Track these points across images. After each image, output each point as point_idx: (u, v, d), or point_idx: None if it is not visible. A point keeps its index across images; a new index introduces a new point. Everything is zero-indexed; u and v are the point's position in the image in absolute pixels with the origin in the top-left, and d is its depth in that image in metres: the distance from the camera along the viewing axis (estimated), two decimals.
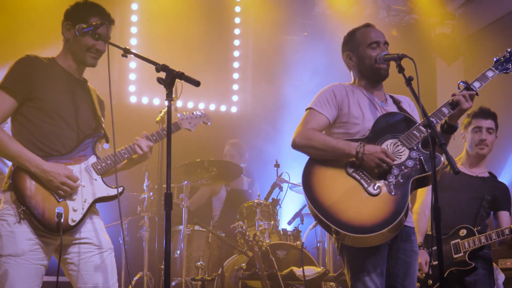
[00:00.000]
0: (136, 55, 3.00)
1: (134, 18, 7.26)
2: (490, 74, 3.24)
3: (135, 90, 7.29)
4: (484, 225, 4.23)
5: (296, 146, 3.16)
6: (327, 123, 3.19)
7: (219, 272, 5.06)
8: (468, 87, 3.17)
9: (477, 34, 7.85)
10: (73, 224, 2.95)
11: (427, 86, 7.61)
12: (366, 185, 3.00)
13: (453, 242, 4.07)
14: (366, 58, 3.25)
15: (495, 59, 3.31)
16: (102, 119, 3.29)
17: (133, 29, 7.22)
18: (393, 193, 2.99)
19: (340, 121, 3.21)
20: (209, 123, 3.77)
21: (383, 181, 3.02)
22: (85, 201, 3.01)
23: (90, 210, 3.08)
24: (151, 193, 5.71)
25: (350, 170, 3.04)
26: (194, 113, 3.63)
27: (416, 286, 3.19)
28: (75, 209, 2.97)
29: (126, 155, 3.16)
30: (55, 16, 3.37)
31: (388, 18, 8.18)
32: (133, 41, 7.20)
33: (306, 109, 3.25)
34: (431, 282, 4.04)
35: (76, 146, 3.07)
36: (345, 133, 3.18)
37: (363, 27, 3.36)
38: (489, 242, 4.02)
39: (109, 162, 3.12)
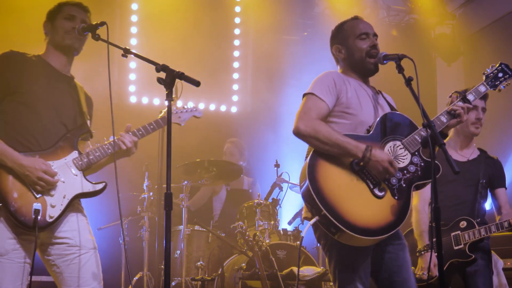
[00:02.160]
0: (136, 55, 3.00)
1: (134, 18, 7.26)
2: (482, 89, 3.36)
3: (135, 90, 7.29)
4: (483, 213, 4.22)
5: (299, 134, 3.03)
6: (327, 111, 3.10)
7: (219, 272, 5.06)
8: (464, 99, 3.23)
9: (477, 34, 7.85)
10: (50, 220, 2.90)
11: (427, 86, 7.62)
12: (372, 186, 2.98)
13: (454, 233, 4.08)
14: (356, 50, 3.23)
15: (484, 74, 3.40)
16: (88, 115, 3.26)
17: (133, 29, 7.22)
18: (396, 197, 2.99)
19: (337, 110, 3.13)
20: (200, 116, 3.69)
21: (387, 183, 3.01)
22: (64, 197, 2.96)
23: (73, 207, 3.05)
24: (151, 193, 5.71)
25: (357, 168, 2.99)
26: (185, 107, 3.59)
27: (413, 276, 3.19)
28: (53, 205, 2.92)
29: (109, 151, 3.12)
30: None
31: (388, 18, 8.18)
32: (133, 41, 7.20)
33: (306, 94, 3.16)
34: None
35: (58, 141, 3.04)
36: (342, 123, 3.11)
37: (351, 20, 3.33)
38: (488, 234, 4.02)
39: (91, 157, 3.08)
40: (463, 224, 4.08)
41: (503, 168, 4.39)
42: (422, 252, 4.07)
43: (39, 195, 2.91)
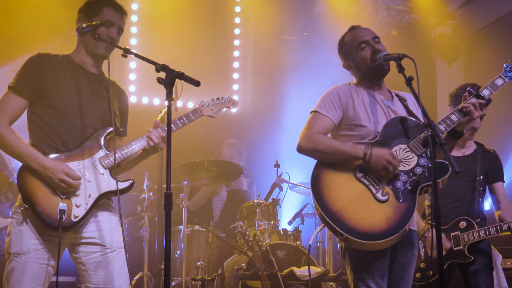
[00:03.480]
0: (136, 55, 2.99)
1: (134, 18, 7.26)
2: (500, 82, 3.27)
3: (135, 90, 7.29)
4: (482, 212, 4.19)
5: (302, 150, 3.13)
6: (332, 125, 3.17)
7: (219, 272, 5.06)
8: (477, 95, 3.17)
9: (477, 34, 7.85)
10: (75, 220, 2.91)
11: (427, 86, 7.62)
12: (374, 191, 3.00)
13: (453, 234, 4.06)
14: (361, 61, 3.25)
15: (505, 66, 3.32)
16: (118, 112, 3.23)
17: (133, 29, 7.22)
18: (401, 200, 2.99)
19: (346, 123, 3.18)
20: (233, 109, 3.66)
21: (391, 187, 3.02)
22: (89, 196, 2.97)
23: (102, 207, 3.05)
24: (151, 193, 5.71)
25: (359, 175, 3.03)
26: (219, 98, 3.51)
27: (410, 286, 3.20)
28: (78, 205, 2.94)
29: (126, 153, 3.10)
30: (56, 15, 3.38)
31: (388, 18, 8.18)
32: (133, 41, 7.20)
33: (311, 112, 3.22)
34: (431, 272, 4.05)
35: (85, 141, 3.04)
36: (352, 135, 3.16)
37: (349, 32, 3.36)
38: (487, 236, 4.00)
39: (118, 155, 3.06)
40: (463, 224, 4.07)
41: (500, 161, 4.35)
42: (425, 235, 4.04)
43: (65, 196, 2.92)
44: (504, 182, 4.30)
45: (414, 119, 3.21)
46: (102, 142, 3.07)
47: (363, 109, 3.18)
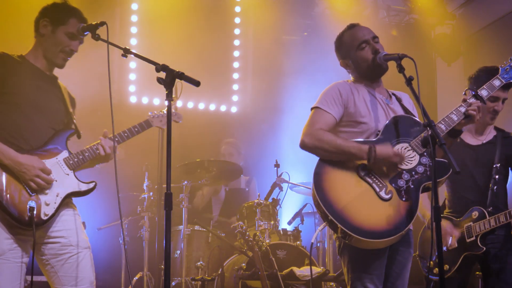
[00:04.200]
0: (136, 55, 3.00)
1: (134, 18, 7.25)
2: (497, 83, 3.28)
3: (135, 90, 7.28)
4: (498, 201, 3.99)
5: (305, 146, 3.11)
6: (334, 122, 3.16)
7: (219, 272, 5.06)
8: (476, 96, 3.18)
9: (477, 34, 7.84)
10: (45, 218, 2.94)
11: (427, 86, 7.61)
12: (378, 189, 3.00)
13: (467, 225, 3.96)
14: (361, 61, 3.24)
15: (500, 68, 3.32)
16: (73, 115, 3.29)
17: (133, 29, 7.21)
18: (404, 199, 3.00)
19: (346, 120, 3.18)
20: (179, 121, 3.84)
21: (394, 185, 3.02)
22: (57, 195, 3.01)
23: (66, 205, 3.08)
24: (151, 193, 5.71)
25: (362, 173, 3.02)
26: (164, 111, 3.66)
27: (406, 286, 3.20)
28: (47, 203, 2.96)
29: (97, 151, 3.17)
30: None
31: (388, 18, 8.17)
32: (133, 41, 7.19)
33: (312, 108, 3.21)
34: (447, 267, 3.94)
35: (49, 141, 3.08)
36: (352, 131, 3.16)
37: (348, 30, 3.34)
38: (498, 224, 3.83)
39: (81, 157, 3.13)
40: (475, 214, 3.95)
41: None
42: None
43: (34, 193, 2.93)
44: None
45: (415, 118, 3.22)
46: (64, 142, 3.12)
47: (363, 106, 3.18)
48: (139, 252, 5.67)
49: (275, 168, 6.24)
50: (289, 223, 6.27)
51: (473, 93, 3.20)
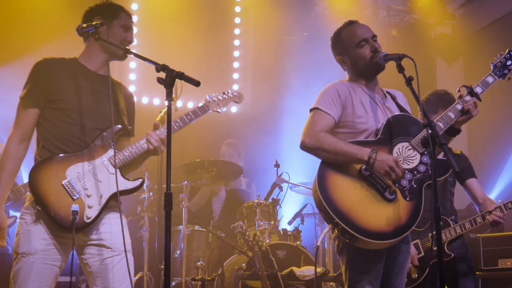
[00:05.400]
0: (136, 55, 3.00)
1: (134, 18, 7.24)
2: (490, 79, 3.30)
3: (135, 90, 7.28)
4: (455, 210, 4.30)
5: (305, 148, 3.10)
6: (333, 123, 3.15)
7: (219, 272, 5.06)
8: (471, 93, 3.20)
9: (477, 34, 7.85)
10: (88, 221, 2.92)
11: (427, 86, 7.54)
12: (382, 190, 3.00)
13: (431, 234, 4.06)
14: (359, 58, 3.22)
15: (492, 65, 3.35)
16: (125, 112, 3.22)
17: (133, 29, 7.21)
18: (408, 199, 3.01)
19: (344, 120, 3.17)
20: (239, 101, 3.63)
21: (397, 185, 3.02)
22: (101, 197, 2.97)
23: (111, 208, 3.05)
24: (151, 193, 5.71)
25: (366, 174, 3.02)
26: (225, 92, 3.50)
27: (404, 285, 3.21)
28: (90, 205, 2.93)
29: (145, 146, 3.08)
30: (56, 16, 3.38)
31: (388, 18, 8.18)
32: (133, 41, 7.18)
33: (311, 110, 3.20)
34: (416, 275, 4.10)
35: (94, 141, 3.04)
36: (350, 132, 3.15)
37: (346, 26, 3.31)
38: (464, 231, 4.10)
39: (127, 154, 3.05)
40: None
41: (468, 160, 4.44)
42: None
43: (77, 197, 2.92)
44: (476, 178, 4.36)
45: (413, 117, 3.22)
46: (110, 142, 3.06)
47: (361, 106, 3.18)
48: (139, 252, 5.66)
49: (275, 168, 6.24)
50: (289, 223, 6.28)
51: (468, 90, 3.21)
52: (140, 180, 3.10)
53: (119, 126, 3.12)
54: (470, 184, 4.32)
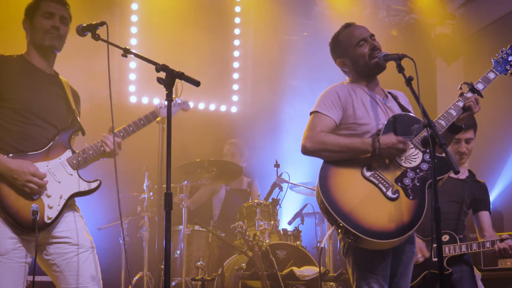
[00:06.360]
0: (136, 55, 3.00)
1: (134, 18, 7.26)
2: (492, 76, 3.28)
3: (135, 90, 7.28)
4: (464, 230, 4.28)
5: (307, 151, 3.09)
6: (334, 125, 3.15)
7: (219, 272, 5.06)
8: (473, 89, 3.19)
9: (477, 34, 7.85)
10: (49, 221, 2.94)
11: (427, 86, 7.62)
12: (384, 190, 2.99)
13: (435, 245, 4.04)
14: (359, 57, 3.23)
15: (493, 61, 3.34)
16: (77, 111, 3.26)
17: (133, 29, 7.21)
18: (411, 197, 3.00)
19: (345, 123, 3.17)
20: (188, 109, 3.75)
21: (400, 184, 3.02)
22: (61, 197, 2.99)
23: (69, 207, 3.07)
24: (151, 193, 5.71)
25: (368, 174, 3.02)
26: (176, 98, 3.61)
27: (409, 285, 3.20)
28: (50, 206, 2.95)
29: (102, 148, 3.14)
30: None
31: (388, 18, 8.18)
32: (133, 41, 7.19)
33: (311, 113, 3.20)
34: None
35: (51, 141, 3.05)
36: (352, 134, 3.14)
37: (344, 29, 3.33)
38: (469, 251, 4.06)
39: (84, 156, 3.11)
40: (446, 237, 4.11)
41: (488, 192, 4.44)
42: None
43: (37, 196, 2.92)
44: (490, 212, 4.36)
45: (414, 115, 3.22)
46: (67, 141, 3.09)
47: (362, 107, 3.18)
48: (139, 252, 5.67)
49: (275, 168, 6.23)
50: (289, 223, 6.27)
51: (470, 87, 3.20)
52: (97, 182, 3.13)
53: (76, 127, 3.16)
54: (481, 216, 4.31)
